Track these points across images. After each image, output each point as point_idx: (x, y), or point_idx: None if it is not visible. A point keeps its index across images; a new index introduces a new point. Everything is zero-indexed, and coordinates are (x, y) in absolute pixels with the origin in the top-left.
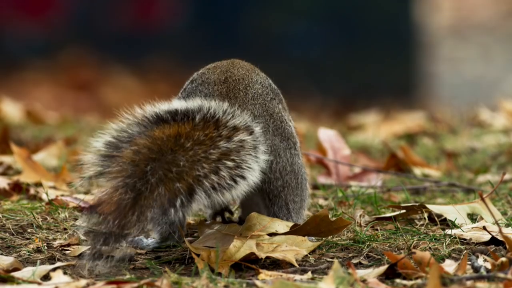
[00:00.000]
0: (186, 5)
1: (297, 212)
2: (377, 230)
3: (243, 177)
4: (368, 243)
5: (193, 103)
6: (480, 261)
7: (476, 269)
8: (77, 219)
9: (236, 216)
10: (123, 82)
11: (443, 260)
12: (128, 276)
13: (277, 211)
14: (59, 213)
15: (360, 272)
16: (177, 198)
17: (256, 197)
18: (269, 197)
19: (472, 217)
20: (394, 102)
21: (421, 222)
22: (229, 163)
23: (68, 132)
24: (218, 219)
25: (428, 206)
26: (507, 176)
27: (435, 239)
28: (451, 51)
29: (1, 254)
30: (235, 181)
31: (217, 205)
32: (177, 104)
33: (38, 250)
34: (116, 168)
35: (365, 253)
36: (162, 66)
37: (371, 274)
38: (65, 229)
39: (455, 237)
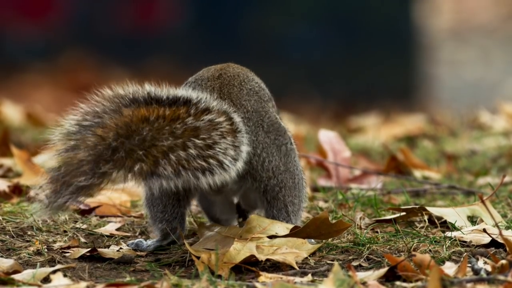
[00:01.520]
0: (187, 8)
1: (296, 214)
2: (377, 232)
3: (218, 161)
4: (368, 245)
5: (169, 90)
6: (480, 264)
7: (476, 272)
8: (77, 222)
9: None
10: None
11: (443, 262)
12: (128, 278)
13: (276, 214)
14: (59, 216)
15: (360, 275)
16: (136, 164)
17: (255, 196)
18: (267, 199)
19: (472, 220)
20: (394, 104)
21: (421, 225)
22: (198, 142)
23: None
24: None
25: (428, 208)
26: (507, 179)
27: (435, 241)
28: (451, 54)
29: (1, 256)
30: (208, 163)
31: (194, 189)
32: (150, 88)
33: (38, 253)
34: (84, 143)
35: (365, 256)
36: (163, 69)
37: (371, 276)
38: (65, 231)
39: (455, 240)
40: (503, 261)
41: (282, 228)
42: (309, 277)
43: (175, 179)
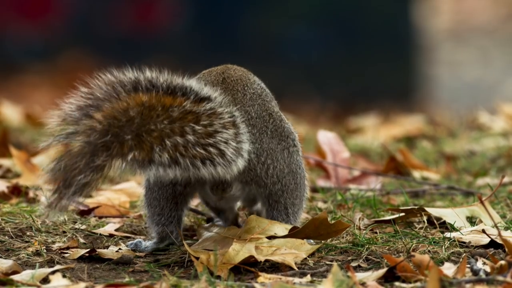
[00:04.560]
0: (186, 9)
1: (295, 215)
2: (376, 233)
3: (219, 150)
4: (367, 246)
5: (170, 78)
6: (479, 264)
7: (475, 272)
8: (76, 222)
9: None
10: None
11: (442, 263)
12: (127, 279)
13: (276, 215)
14: (58, 217)
15: (359, 275)
16: (129, 152)
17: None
18: (269, 201)
19: (471, 220)
20: (393, 105)
21: (420, 225)
22: (198, 128)
23: None
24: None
25: (427, 209)
26: (506, 179)
27: (434, 242)
28: (450, 54)
29: (0, 257)
30: (208, 152)
31: (194, 179)
32: (151, 74)
33: (37, 253)
34: (83, 128)
35: (364, 256)
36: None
37: (370, 277)
38: (64, 232)
39: (454, 240)
40: (502, 262)
41: (281, 228)
42: (308, 277)
43: (173, 167)
